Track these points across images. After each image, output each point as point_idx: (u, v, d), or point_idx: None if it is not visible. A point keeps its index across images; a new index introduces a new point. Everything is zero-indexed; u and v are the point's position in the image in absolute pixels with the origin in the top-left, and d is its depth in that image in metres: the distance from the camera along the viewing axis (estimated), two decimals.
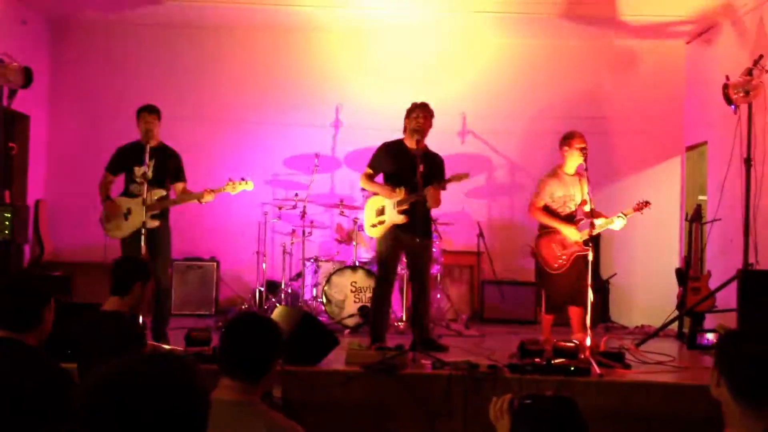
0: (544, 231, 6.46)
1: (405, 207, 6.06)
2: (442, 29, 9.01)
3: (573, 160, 6.40)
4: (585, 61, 9.24)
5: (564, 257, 6.30)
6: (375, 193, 6.37)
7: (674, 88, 9.20)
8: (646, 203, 6.19)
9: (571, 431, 2.16)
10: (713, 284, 7.03)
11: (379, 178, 6.39)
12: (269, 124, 9.03)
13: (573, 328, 6.30)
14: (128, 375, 1.43)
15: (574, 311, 6.25)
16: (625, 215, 6.18)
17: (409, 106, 6.29)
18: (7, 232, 5.86)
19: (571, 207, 6.45)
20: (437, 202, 6.12)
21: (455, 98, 8.89)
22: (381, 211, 6.23)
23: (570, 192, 6.42)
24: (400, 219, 6.08)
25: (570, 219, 6.42)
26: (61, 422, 2.50)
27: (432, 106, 6.29)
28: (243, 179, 6.43)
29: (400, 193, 6.08)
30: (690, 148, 9.08)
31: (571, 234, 6.25)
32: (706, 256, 7.82)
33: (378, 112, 8.58)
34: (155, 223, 6.12)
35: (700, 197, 8.71)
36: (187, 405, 1.45)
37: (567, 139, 6.46)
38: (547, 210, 6.47)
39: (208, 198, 6.25)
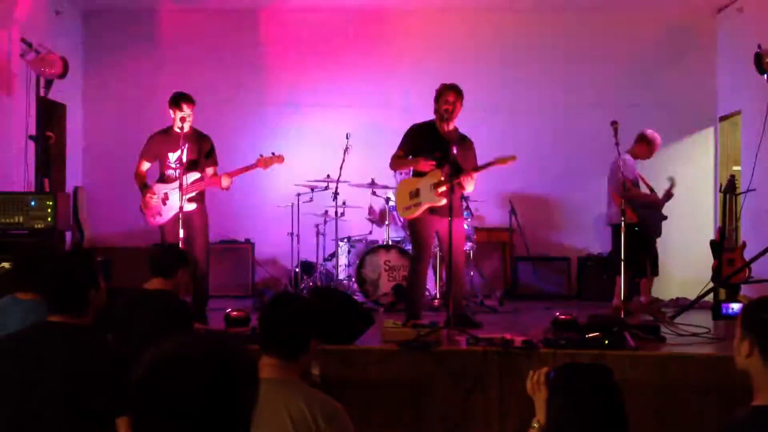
0: None
1: (445, 188, 6.05)
2: (467, 4, 8.98)
3: None
4: (615, 32, 9.15)
5: None
6: (407, 175, 6.37)
7: (707, 58, 9.09)
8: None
9: (606, 399, 2.18)
10: (748, 255, 6.99)
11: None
12: (302, 106, 9.11)
13: None
14: (184, 352, 1.49)
15: None
16: None
17: (439, 87, 6.25)
18: (49, 219, 6.00)
19: None
20: (472, 184, 6.17)
21: (486, 73, 8.87)
22: (415, 193, 6.21)
23: None
24: (439, 200, 6.06)
25: None
26: (119, 403, 2.59)
27: (463, 82, 6.27)
28: (273, 154, 6.48)
29: (438, 174, 6.08)
30: (723, 118, 8.98)
31: None
32: (740, 227, 7.75)
33: (407, 91, 8.63)
34: (192, 207, 6.22)
35: (734, 168, 8.62)
36: (241, 380, 1.51)
37: None
38: None
39: (225, 182, 6.29)
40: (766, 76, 6.39)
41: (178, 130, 6.15)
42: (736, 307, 6.42)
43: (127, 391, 2.56)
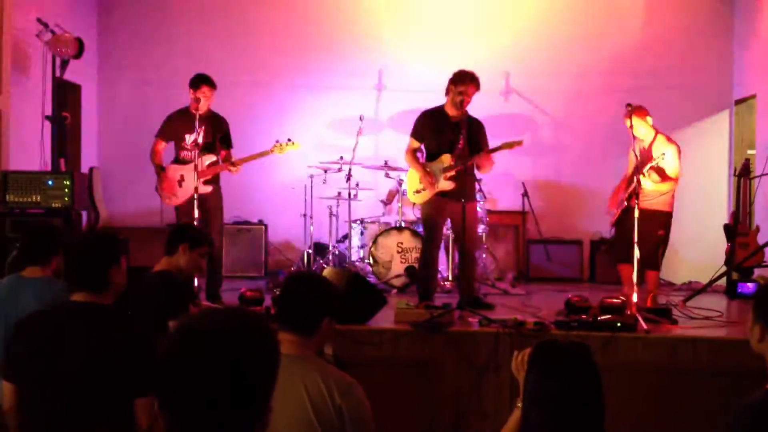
0: None
1: (453, 174, 6.08)
2: None
3: None
4: (629, 15, 9.10)
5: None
6: (420, 158, 6.37)
7: (723, 41, 9.03)
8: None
9: (583, 376, 2.17)
10: (762, 239, 6.98)
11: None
12: (315, 88, 9.11)
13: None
14: (209, 328, 1.51)
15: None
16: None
17: (455, 71, 6.13)
18: (66, 198, 6.06)
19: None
20: (490, 167, 6.18)
21: (498, 57, 8.86)
22: None
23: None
24: (448, 185, 6.09)
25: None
26: (140, 383, 2.62)
27: (475, 66, 6.25)
28: (290, 140, 6.53)
29: (448, 159, 6.10)
30: (739, 102, 8.94)
31: None
32: (754, 211, 7.73)
33: (421, 73, 8.63)
34: (208, 189, 6.27)
35: (749, 152, 8.58)
36: (266, 354, 1.54)
37: None
38: None
39: (234, 170, 6.35)
40: None
41: (194, 112, 6.18)
42: (751, 286, 6.43)
43: (149, 370, 2.65)
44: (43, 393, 2.69)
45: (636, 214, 5.57)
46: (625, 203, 6.27)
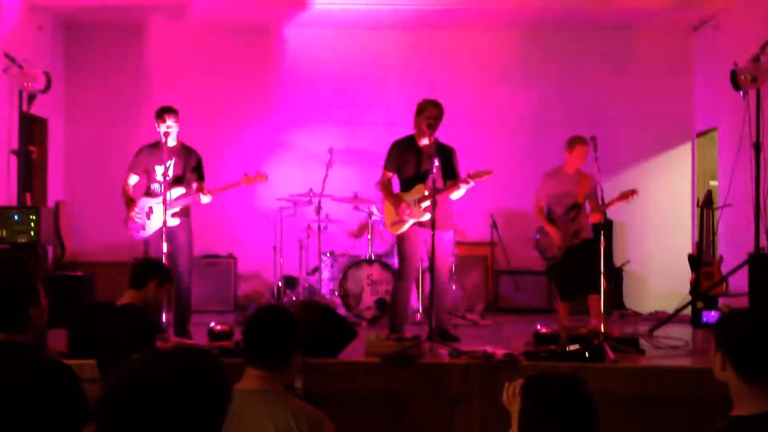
0: None
1: (428, 204, 6.12)
2: (446, 23, 9.08)
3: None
4: (594, 50, 9.27)
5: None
6: (394, 189, 6.41)
7: (684, 75, 9.24)
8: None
9: (579, 410, 2.19)
10: (725, 269, 7.09)
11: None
12: (284, 121, 9.16)
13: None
14: (147, 371, 1.51)
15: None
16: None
17: (420, 102, 6.33)
18: (32, 233, 5.98)
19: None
20: (457, 193, 6.24)
21: (464, 91, 8.97)
22: None
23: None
24: (424, 216, 6.14)
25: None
26: (67, 419, 2.47)
27: (442, 99, 6.35)
28: (258, 172, 6.53)
29: (421, 189, 6.15)
30: (700, 134, 9.13)
31: None
32: (718, 241, 7.86)
33: (390, 105, 8.71)
34: (176, 222, 6.24)
35: (711, 183, 8.76)
36: (208, 397, 1.53)
37: None
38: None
39: (205, 200, 6.33)
40: (741, 92, 6.49)
41: (164, 144, 6.17)
42: (715, 314, 6.53)
43: (84, 400, 2.54)
44: None
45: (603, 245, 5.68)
46: (576, 238, 6.44)
